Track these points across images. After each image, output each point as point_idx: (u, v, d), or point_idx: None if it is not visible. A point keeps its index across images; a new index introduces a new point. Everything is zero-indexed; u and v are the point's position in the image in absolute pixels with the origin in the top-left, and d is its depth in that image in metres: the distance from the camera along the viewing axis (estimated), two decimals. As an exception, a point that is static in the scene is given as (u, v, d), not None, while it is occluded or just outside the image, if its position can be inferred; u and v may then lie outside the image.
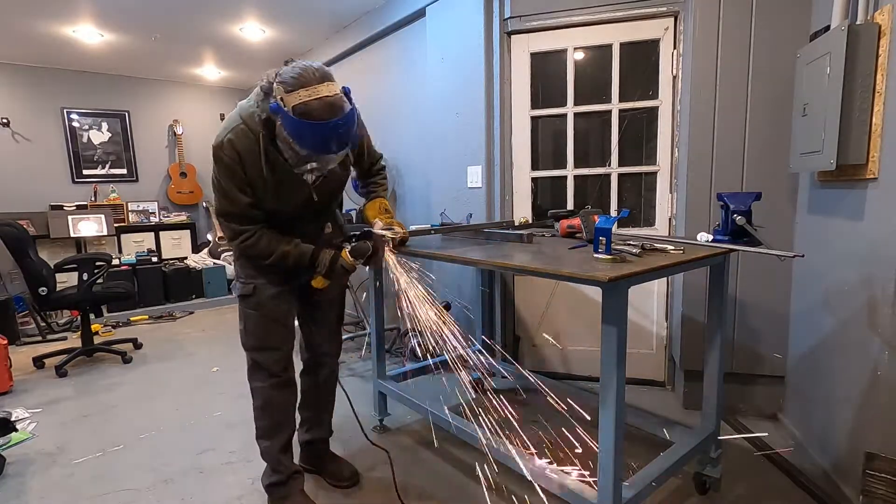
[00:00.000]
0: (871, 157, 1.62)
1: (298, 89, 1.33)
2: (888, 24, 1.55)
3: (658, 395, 2.68)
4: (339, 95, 1.38)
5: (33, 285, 3.26)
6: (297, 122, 1.33)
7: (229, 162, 1.48)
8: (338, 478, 1.96)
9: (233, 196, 1.52)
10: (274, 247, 1.58)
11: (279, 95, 1.35)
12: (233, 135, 1.47)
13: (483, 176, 2.91)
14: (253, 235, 1.57)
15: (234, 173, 1.49)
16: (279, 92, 1.35)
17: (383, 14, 3.63)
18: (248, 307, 1.70)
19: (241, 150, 1.47)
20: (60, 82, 5.07)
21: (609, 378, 1.28)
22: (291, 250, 1.59)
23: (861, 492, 1.56)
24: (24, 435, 2.43)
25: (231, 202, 1.53)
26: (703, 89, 2.28)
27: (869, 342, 1.64)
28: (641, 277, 1.30)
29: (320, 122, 1.33)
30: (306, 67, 1.36)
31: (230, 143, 1.47)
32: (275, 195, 1.55)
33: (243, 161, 1.48)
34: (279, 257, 1.58)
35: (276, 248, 1.58)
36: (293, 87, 1.34)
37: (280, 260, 1.59)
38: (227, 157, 1.47)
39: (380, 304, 2.35)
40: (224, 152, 1.47)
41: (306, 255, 1.61)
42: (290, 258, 1.59)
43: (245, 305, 1.71)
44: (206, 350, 3.79)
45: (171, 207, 5.76)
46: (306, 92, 1.33)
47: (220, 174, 1.51)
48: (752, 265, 2.28)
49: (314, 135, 1.36)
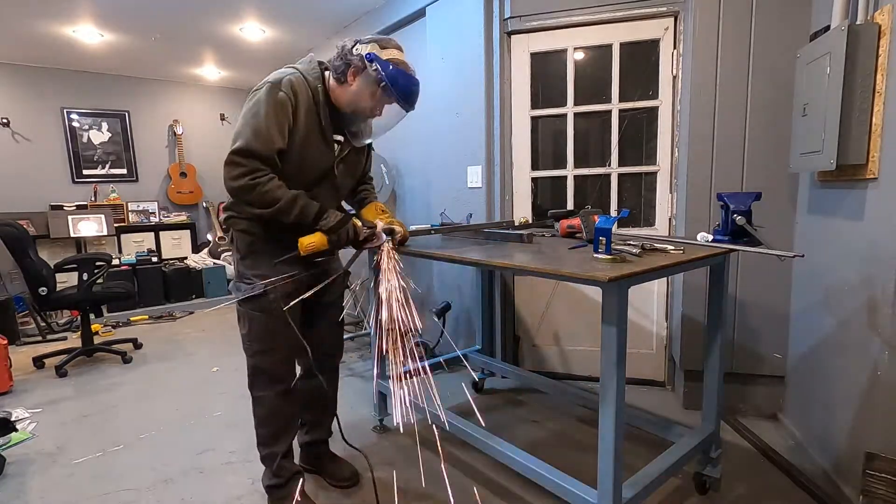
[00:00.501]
0: (871, 157, 1.62)
1: (391, 49, 1.57)
2: (888, 24, 1.55)
3: (658, 395, 2.68)
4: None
5: (33, 285, 3.26)
6: (395, 69, 1.54)
7: (283, 98, 1.50)
8: (338, 478, 1.96)
9: (268, 135, 1.49)
10: (283, 193, 1.51)
11: (371, 50, 1.54)
12: (294, 77, 1.54)
13: (483, 176, 2.91)
14: (267, 175, 1.51)
15: (283, 112, 1.50)
16: (371, 48, 1.54)
17: (383, 14, 3.63)
18: (255, 309, 1.64)
19: (298, 91, 1.53)
20: (60, 82, 5.07)
21: (609, 378, 1.28)
22: (298, 199, 1.53)
23: (861, 492, 1.56)
24: (24, 435, 2.43)
25: (263, 140, 1.49)
26: (703, 89, 2.28)
27: (869, 342, 1.64)
28: (641, 277, 1.30)
29: (411, 75, 1.58)
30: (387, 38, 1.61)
31: (290, 83, 1.52)
32: (301, 155, 1.57)
33: (297, 102, 1.53)
34: (287, 202, 1.51)
35: (284, 195, 1.51)
36: (386, 46, 1.57)
37: (288, 205, 1.52)
38: (284, 94, 1.51)
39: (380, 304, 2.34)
40: (283, 88, 1.51)
41: (313, 208, 1.56)
42: (297, 206, 1.53)
43: (251, 307, 1.64)
44: (206, 350, 3.79)
45: (171, 207, 5.76)
46: (398, 53, 1.58)
47: (265, 109, 1.49)
48: (752, 265, 2.28)
49: (405, 83, 1.55)
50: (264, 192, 1.50)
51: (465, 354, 2.77)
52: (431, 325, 3.34)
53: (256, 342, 1.67)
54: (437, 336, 3.23)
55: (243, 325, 1.69)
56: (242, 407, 2.70)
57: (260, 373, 1.70)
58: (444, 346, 3.25)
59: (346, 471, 1.97)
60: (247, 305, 1.66)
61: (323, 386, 1.94)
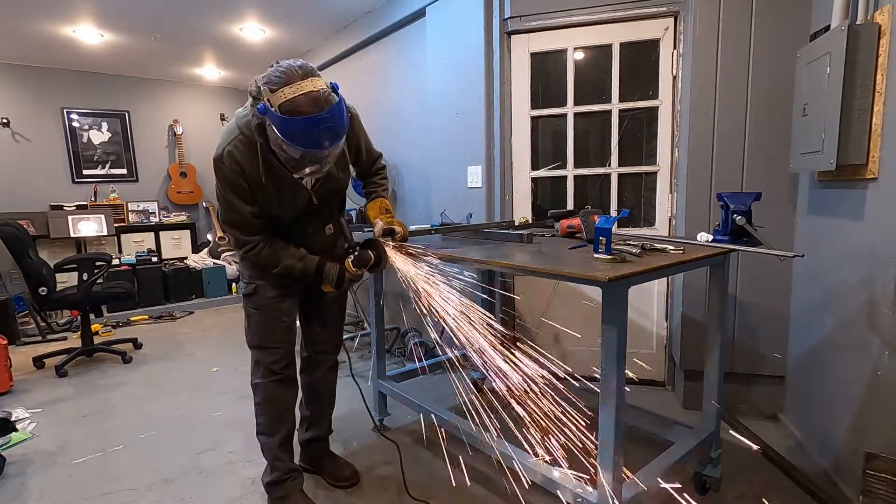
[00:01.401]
0: (871, 157, 1.62)
1: (283, 87, 1.31)
2: (888, 24, 1.55)
3: (658, 395, 2.68)
4: (325, 89, 1.34)
5: (33, 285, 3.26)
6: (285, 120, 1.30)
7: (230, 173, 1.49)
8: (338, 477, 1.96)
9: (235, 206, 1.53)
10: (279, 258, 1.60)
11: (265, 97, 1.33)
12: (232, 146, 1.48)
13: (483, 176, 2.90)
14: (256, 246, 1.59)
15: (236, 184, 1.50)
16: (265, 94, 1.33)
17: (383, 14, 3.63)
18: (251, 306, 1.74)
19: (240, 161, 1.48)
20: (60, 82, 5.07)
21: (609, 378, 1.28)
22: (296, 265, 1.62)
23: (861, 492, 1.56)
24: (24, 435, 2.43)
25: (234, 212, 1.55)
26: (703, 89, 2.28)
27: (869, 342, 1.64)
28: (641, 277, 1.30)
29: (307, 117, 1.30)
30: (289, 66, 1.35)
31: (230, 156, 1.48)
32: (277, 203, 1.57)
33: (244, 171, 1.49)
34: (285, 269, 1.61)
35: (281, 260, 1.60)
36: (277, 86, 1.31)
37: (286, 272, 1.62)
38: (228, 169, 1.49)
39: (380, 304, 2.35)
40: (224, 164, 1.48)
41: (312, 268, 1.64)
42: (297, 272, 1.62)
43: (248, 304, 1.75)
44: (206, 350, 3.79)
45: (171, 207, 5.76)
46: (290, 89, 1.30)
47: (222, 185, 1.53)
48: (752, 265, 2.28)
49: (303, 130, 1.31)
50: (262, 262, 1.62)
51: (466, 354, 2.77)
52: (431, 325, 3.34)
53: (254, 336, 1.76)
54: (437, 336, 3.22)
55: (245, 319, 1.78)
56: (242, 407, 2.70)
57: (257, 364, 1.78)
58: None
59: (346, 470, 1.98)
60: (245, 302, 1.76)
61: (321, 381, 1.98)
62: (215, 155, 1.50)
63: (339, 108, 1.37)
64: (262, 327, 1.73)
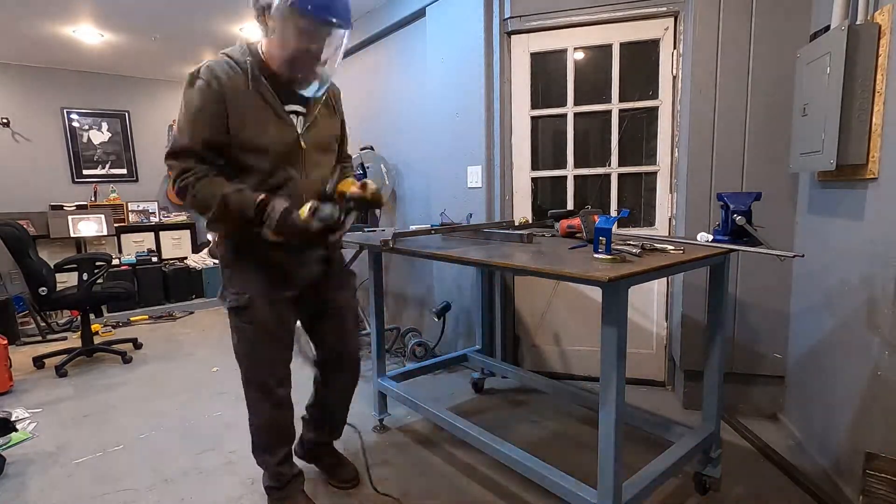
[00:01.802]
0: (871, 157, 1.62)
1: None
2: (888, 24, 1.55)
3: (658, 395, 2.68)
4: None
5: (33, 285, 3.26)
6: None
7: (202, 86, 1.37)
8: (340, 478, 1.94)
9: (194, 126, 1.38)
10: (216, 190, 1.37)
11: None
12: (213, 63, 1.41)
13: (483, 176, 2.91)
14: (197, 174, 1.38)
15: (207, 99, 1.37)
16: None
17: (383, 14, 3.63)
18: (242, 321, 1.55)
19: (220, 75, 1.38)
20: (60, 82, 5.07)
21: (609, 378, 1.28)
22: (232, 194, 1.37)
23: (861, 492, 1.56)
24: (24, 435, 2.43)
25: (189, 135, 1.38)
26: (703, 89, 2.28)
27: (869, 342, 1.64)
28: (641, 277, 1.30)
29: None
30: None
31: (209, 70, 1.38)
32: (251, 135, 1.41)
33: (223, 86, 1.38)
34: (219, 205, 1.36)
35: (216, 193, 1.37)
36: None
37: (221, 210, 1.37)
38: (203, 81, 1.37)
39: (380, 303, 2.35)
40: (201, 77, 1.38)
41: (250, 203, 1.37)
42: (232, 204, 1.36)
43: (238, 319, 1.55)
44: (206, 350, 3.79)
45: (171, 207, 5.75)
46: None
47: (189, 101, 1.39)
48: (752, 265, 2.28)
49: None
50: (195, 195, 1.38)
51: (465, 354, 2.77)
52: (431, 325, 3.34)
53: (246, 355, 1.60)
54: (437, 336, 3.23)
55: (232, 335, 1.61)
56: (242, 407, 2.66)
57: (251, 383, 1.64)
58: (443, 345, 3.25)
59: (348, 472, 1.95)
60: (234, 317, 1.57)
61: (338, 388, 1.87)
62: (190, 71, 1.40)
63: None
64: (257, 344, 1.57)
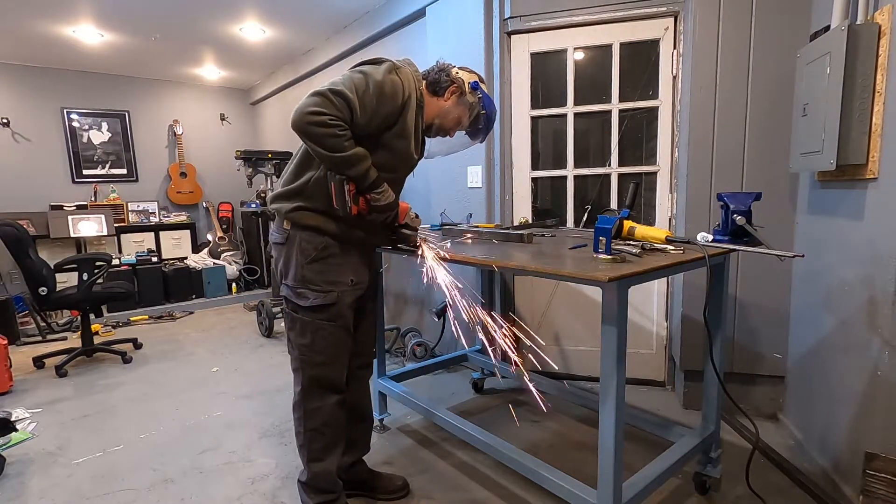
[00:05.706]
0: (871, 157, 1.62)
1: (481, 85, 1.70)
2: (888, 24, 1.55)
3: (658, 395, 2.68)
4: None
5: (33, 285, 3.26)
6: (492, 106, 1.73)
7: (397, 82, 1.47)
8: (390, 490, 1.85)
9: (363, 98, 1.41)
10: (353, 146, 1.42)
11: (475, 79, 1.69)
12: (411, 70, 1.58)
13: (483, 176, 2.91)
14: (345, 129, 1.41)
15: (391, 93, 1.46)
16: (475, 78, 1.69)
17: (383, 14, 3.63)
18: (324, 318, 1.53)
19: (409, 86, 1.52)
20: (60, 82, 5.07)
21: (609, 378, 1.28)
22: (364, 159, 1.44)
23: (861, 492, 1.56)
24: (24, 435, 2.43)
25: (359, 98, 1.41)
26: (703, 89, 2.28)
27: (869, 342, 1.64)
28: (641, 277, 1.30)
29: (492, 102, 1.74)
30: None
31: (408, 75, 1.54)
32: (397, 143, 1.54)
33: (407, 95, 1.50)
34: (357, 155, 1.42)
35: (355, 147, 1.43)
36: (483, 81, 1.72)
37: (357, 158, 1.42)
38: (400, 81, 1.49)
39: (380, 304, 2.35)
40: (401, 74, 1.50)
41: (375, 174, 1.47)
42: (363, 164, 1.43)
43: (318, 317, 1.52)
44: (206, 350, 3.79)
45: (171, 207, 5.76)
46: (486, 88, 1.73)
47: (376, 79, 1.44)
48: (752, 265, 2.28)
49: (492, 120, 1.76)
50: (338, 137, 1.38)
51: (465, 354, 2.77)
52: (431, 325, 3.34)
53: (321, 354, 1.56)
54: (437, 336, 3.23)
55: (304, 335, 1.55)
56: (242, 407, 2.70)
57: (320, 384, 1.59)
58: (443, 346, 3.25)
59: (395, 482, 1.87)
60: (313, 315, 1.53)
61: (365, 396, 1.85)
62: (392, 59, 1.55)
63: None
64: (335, 342, 1.55)
